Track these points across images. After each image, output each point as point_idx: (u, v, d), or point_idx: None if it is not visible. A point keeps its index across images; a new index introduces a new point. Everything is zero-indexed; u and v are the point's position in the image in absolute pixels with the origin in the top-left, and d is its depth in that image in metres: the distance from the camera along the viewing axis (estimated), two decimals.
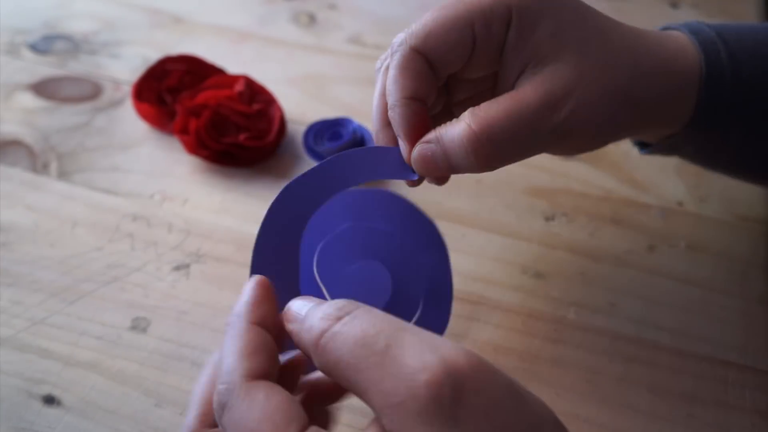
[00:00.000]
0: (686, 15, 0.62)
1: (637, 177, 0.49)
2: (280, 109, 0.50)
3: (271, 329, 0.24)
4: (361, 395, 0.21)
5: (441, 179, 0.33)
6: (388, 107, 0.32)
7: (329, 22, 0.61)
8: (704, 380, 0.38)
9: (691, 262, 0.43)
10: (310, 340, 0.22)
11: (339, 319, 0.22)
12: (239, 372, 0.22)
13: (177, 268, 0.42)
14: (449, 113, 0.36)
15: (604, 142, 0.33)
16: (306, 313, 0.23)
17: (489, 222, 0.45)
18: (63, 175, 0.47)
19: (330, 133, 0.48)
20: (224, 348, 0.24)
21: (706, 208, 0.47)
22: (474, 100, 0.33)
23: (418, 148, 0.31)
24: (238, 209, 0.46)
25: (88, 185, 0.47)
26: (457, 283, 0.40)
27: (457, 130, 0.30)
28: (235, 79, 0.50)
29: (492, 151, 0.30)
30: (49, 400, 0.36)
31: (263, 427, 0.21)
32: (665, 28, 0.36)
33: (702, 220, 0.46)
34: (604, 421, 0.36)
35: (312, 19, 0.62)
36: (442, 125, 0.31)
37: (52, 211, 0.45)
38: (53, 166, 0.48)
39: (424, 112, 0.31)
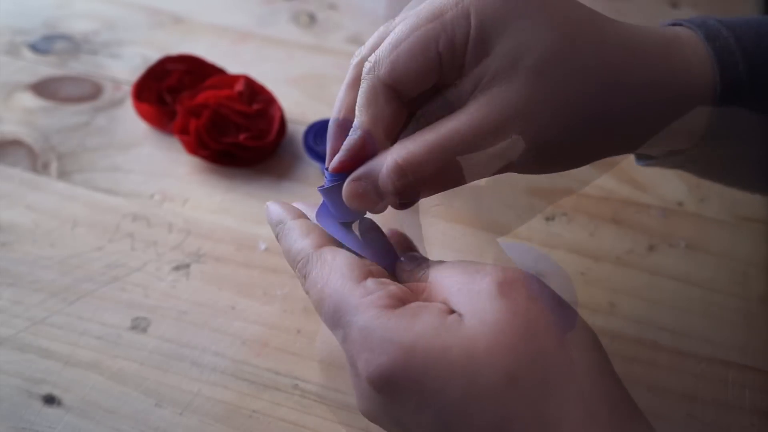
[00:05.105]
0: (686, 15, 0.62)
1: (637, 177, 0.49)
2: (280, 109, 0.50)
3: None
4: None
5: (402, 205, 0.31)
6: (352, 127, 0.30)
7: (329, 22, 0.61)
8: (704, 380, 0.38)
9: (692, 262, 0.43)
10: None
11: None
12: (308, 247, 0.29)
13: (177, 268, 0.42)
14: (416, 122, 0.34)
15: (583, 162, 0.31)
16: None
17: (489, 222, 0.45)
18: (63, 175, 0.47)
19: None
20: (285, 244, 0.30)
21: (706, 208, 0.47)
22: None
23: (349, 186, 0.29)
24: (238, 209, 0.46)
25: (88, 185, 0.47)
26: None
27: (384, 162, 0.28)
28: (235, 79, 0.50)
29: (418, 185, 0.28)
30: (49, 400, 0.36)
31: (333, 277, 0.27)
32: (674, 24, 0.33)
33: (702, 220, 0.46)
34: None
35: (312, 19, 0.62)
36: (371, 160, 0.29)
37: (52, 211, 0.45)
38: (53, 166, 0.48)
39: (377, 149, 0.29)
